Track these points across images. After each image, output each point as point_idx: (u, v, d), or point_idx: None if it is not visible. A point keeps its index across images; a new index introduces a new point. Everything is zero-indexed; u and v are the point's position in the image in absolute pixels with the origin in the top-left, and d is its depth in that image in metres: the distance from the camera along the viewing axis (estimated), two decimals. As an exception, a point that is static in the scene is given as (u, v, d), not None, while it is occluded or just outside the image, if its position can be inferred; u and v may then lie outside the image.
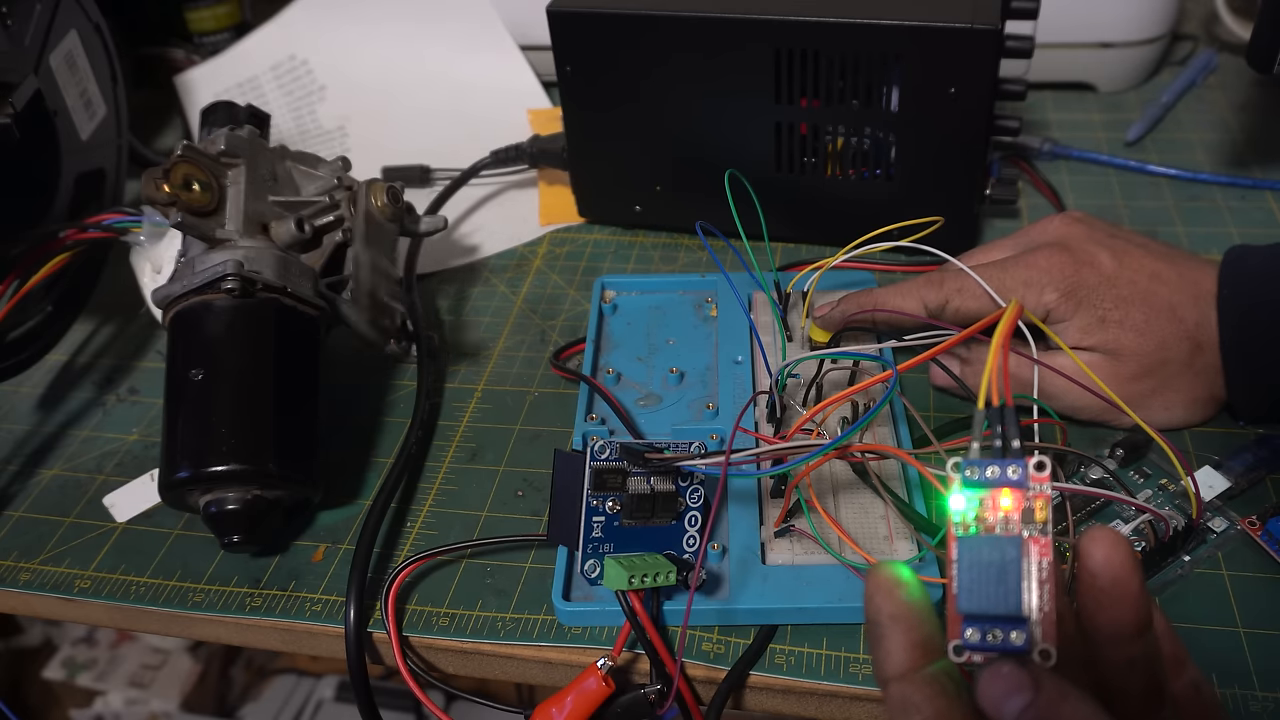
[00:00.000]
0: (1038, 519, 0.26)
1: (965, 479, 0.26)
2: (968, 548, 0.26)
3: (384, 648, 0.44)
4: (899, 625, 0.27)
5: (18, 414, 0.57)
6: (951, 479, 0.26)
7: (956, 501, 0.26)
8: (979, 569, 0.26)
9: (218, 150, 0.49)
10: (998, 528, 0.26)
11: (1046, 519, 0.26)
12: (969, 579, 0.26)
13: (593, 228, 0.67)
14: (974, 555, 0.26)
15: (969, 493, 0.26)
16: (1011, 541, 0.26)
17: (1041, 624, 0.25)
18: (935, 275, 0.48)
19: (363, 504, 0.49)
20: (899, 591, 0.27)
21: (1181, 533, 0.42)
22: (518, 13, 0.76)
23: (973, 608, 0.25)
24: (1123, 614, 0.27)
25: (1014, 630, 0.25)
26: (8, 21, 0.51)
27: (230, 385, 0.46)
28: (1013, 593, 0.25)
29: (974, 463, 0.26)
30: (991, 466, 0.26)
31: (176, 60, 0.85)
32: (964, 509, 0.26)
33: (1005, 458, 0.26)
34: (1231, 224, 0.61)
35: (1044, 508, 0.26)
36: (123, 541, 0.49)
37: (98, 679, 1.24)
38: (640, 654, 0.41)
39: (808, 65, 0.54)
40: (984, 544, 0.26)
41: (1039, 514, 0.26)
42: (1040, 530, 0.26)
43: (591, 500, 0.41)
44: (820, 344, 0.50)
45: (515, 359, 0.57)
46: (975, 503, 0.26)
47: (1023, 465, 0.26)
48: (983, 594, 0.25)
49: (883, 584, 0.28)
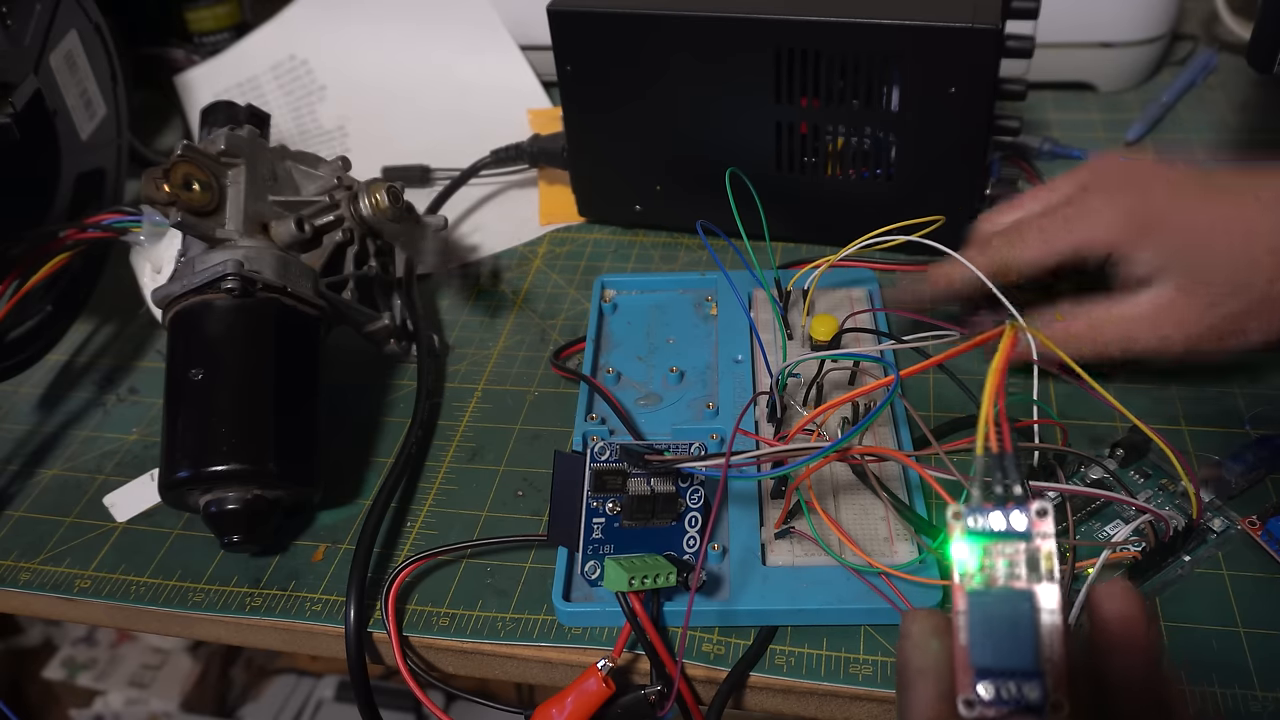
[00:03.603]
0: (1044, 567, 0.26)
1: (968, 528, 0.26)
2: (978, 602, 0.26)
3: (384, 648, 0.44)
4: (928, 677, 0.27)
5: (18, 414, 0.57)
6: (953, 527, 0.26)
7: (959, 550, 0.26)
8: (991, 624, 0.25)
9: (218, 150, 0.49)
10: (1002, 577, 0.26)
11: (1052, 567, 0.26)
12: (981, 634, 0.25)
13: (593, 227, 0.67)
14: (985, 610, 0.26)
15: (972, 542, 0.26)
16: (1023, 595, 0.25)
17: (1051, 674, 0.25)
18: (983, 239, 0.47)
19: (363, 504, 0.49)
20: (932, 643, 0.27)
21: (1181, 533, 0.41)
22: (518, 13, 0.76)
23: (986, 663, 0.25)
24: (1134, 662, 0.27)
25: (1029, 684, 0.25)
26: (8, 21, 0.51)
27: (230, 385, 0.46)
28: (1027, 647, 0.25)
29: (975, 511, 0.26)
30: (994, 515, 0.26)
31: (176, 60, 0.85)
32: (967, 558, 0.26)
33: (1007, 505, 0.26)
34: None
35: (1049, 556, 0.26)
36: (123, 541, 0.49)
37: (98, 679, 1.24)
38: (640, 655, 0.41)
39: (808, 65, 0.54)
40: (995, 598, 0.26)
41: (1045, 562, 0.26)
42: (1047, 579, 0.26)
43: (591, 501, 0.41)
44: (821, 343, 0.50)
45: (515, 359, 0.57)
46: (979, 551, 0.26)
47: (1025, 512, 0.26)
48: (996, 649, 0.25)
49: (915, 636, 0.28)
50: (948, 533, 0.26)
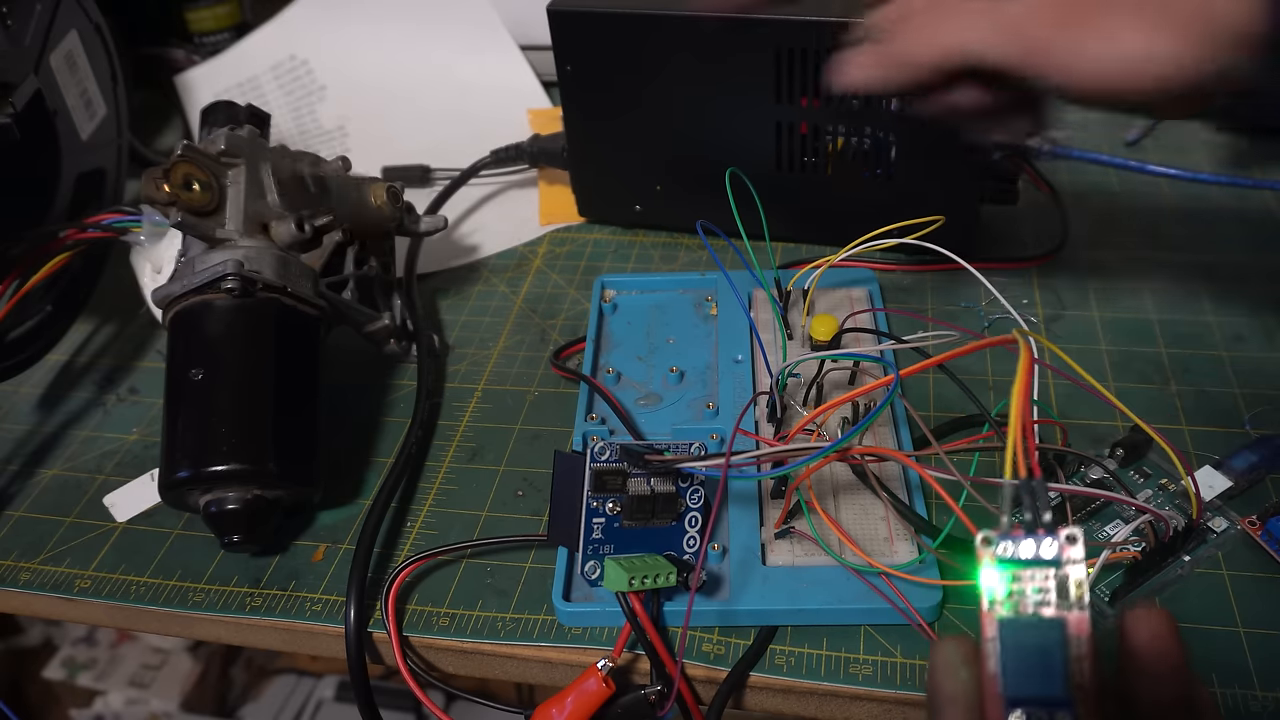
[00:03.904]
0: (1073, 595, 0.26)
1: (997, 556, 0.26)
2: (1008, 630, 0.26)
3: (384, 647, 0.44)
4: (958, 705, 0.27)
5: (18, 414, 0.57)
6: (982, 554, 0.26)
7: (989, 578, 0.26)
8: (1021, 652, 0.26)
9: (218, 150, 0.49)
10: (1031, 604, 0.26)
11: (1083, 595, 0.26)
12: (1013, 664, 0.26)
13: (593, 227, 0.67)
14: (1017, 638, 0.26)
15: (1001, 569, 0.26)
16: (1054, 624, 0.26)
17: (1082, 702, 0.25)
18: None
19: (363, 504, 0.49)
20: (961, 670, 0.27)
21: (1182, 533, 0.41)
22: (518, 13, 0.76)
23: (1019, 692, 0.25)
24: (1164, 689, 0.27)
25: (1060, 712, 0.25)
26: (8, 21, 0.51)
27: (230, 385, 0.46)
28: (1057, 675, 0.25)
29: (1005, 538, 0.26)
30: (1024, 543, 0.26)
31: (176, 60, 0.85)
32: (997, 585, 0.26)
33: (1037, 532, 0.26)
34: (1231, 224, 0.61)
35: (1079, 583, 0.26)
36: (123, 541, 0.49)
37: (98, 679, 1.24)
38: (640, 655, 0.41)
39: (808, 65, 0.54)
40: (1026, 628, 0.26)
41: (1075, 589, 0.26)
42: (1077, 606, 0.26)
43: (592, 501, 0.41)
44: (821, 343, 0.50)
45: (515, 359, 0.57)
46: (1009, 578, 0.26)
47: (1056, 540, 0.26)
48: (1028, 679, 0.25)
49: (945, 664, 0.28)
50: (977, 559, 0.26)
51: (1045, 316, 0.56)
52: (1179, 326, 0.54)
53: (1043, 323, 0.55)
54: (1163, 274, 0.58)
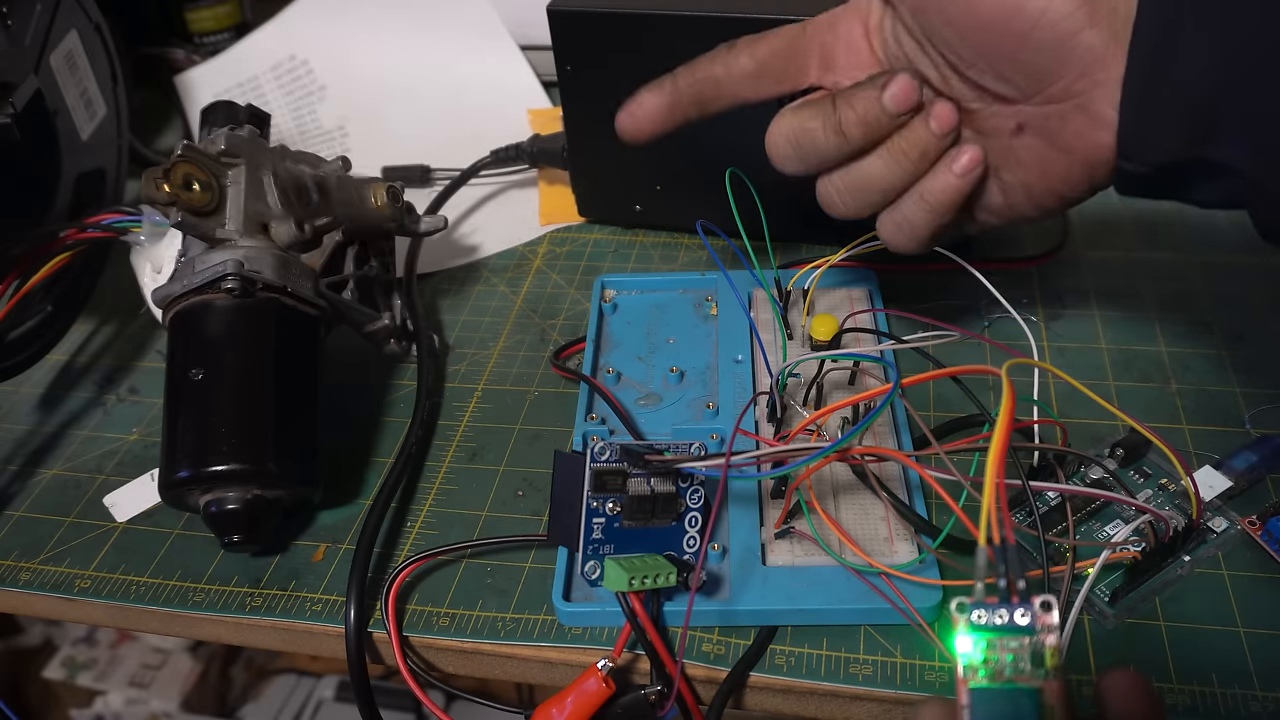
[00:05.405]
0: (1048, 664, 0.26)
1: (972, 624, 0.26)
2: (982, 700, 0.26)
3: (384, 647, 0.44)
4: None
5: (18, 414, 0.57)
6: (956, 620, 0.26)
7: (963, 644, 0.26)
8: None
9: (218, 150, 0.49)
10: (1007, 671, 0.26)
11: (1058, 664, 0.26)
12: None
13: (593, 227, 0.67)
14: (989, 706, 0.26)
15: (976, 636, 0.26)
16: (1028, 695, 0.26)
17: None
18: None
19: (363, 504, 0.49)
20: None
21: (1181, 533, 0.41)
22: (518, 13, 0.76)
23: None
24: None
25: None
26: (8, 21, 0.51)
27: (230, 385, 0.46)
28: None
29: (979, 606, 0.26)
30: (998, 611, 0.26)
31: (176, 60, 0.85)
32: (971, 652, 0.26)
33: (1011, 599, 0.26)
34: (1231, 224, 0.61)
35: (1054, 652, 0.26)
36: (123, 541, 0.49)
37: (98, 679, 1.24)
38: (641, 655, 0.41)
39: (808, 65, 0.53)
40: (999, 696, 0.26)
41: (1049, 659, 0.26)
42: (1052, 674, 0.26)
43: (592, 501, 0.41)
44: (821, 343, 0.50)
45: (515, 359, 0.57)
46: (983, 644, 0.26)
47: (1029, 608, 0.26)
48: None
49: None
50: (951, 625, 0.26)
51: (1045, 316, 0.56)
52: (1179, 326, 0.54)
53: (1043, 322, 0.55)
54: (1163, 274, 0.58)
